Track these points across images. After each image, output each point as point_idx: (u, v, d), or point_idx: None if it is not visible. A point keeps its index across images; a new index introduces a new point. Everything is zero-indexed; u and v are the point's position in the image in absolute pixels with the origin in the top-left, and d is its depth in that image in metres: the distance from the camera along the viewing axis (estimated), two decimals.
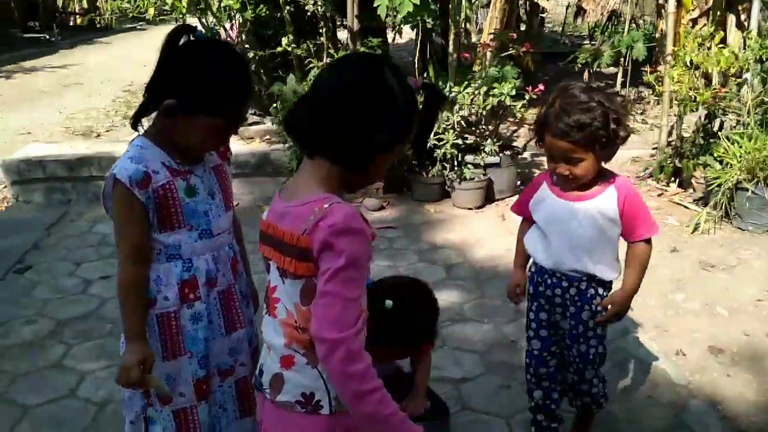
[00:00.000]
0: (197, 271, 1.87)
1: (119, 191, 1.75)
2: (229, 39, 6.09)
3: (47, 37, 18.06)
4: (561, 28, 14.13)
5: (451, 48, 5.36)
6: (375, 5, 4.70)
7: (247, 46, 5.97)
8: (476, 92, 4.98)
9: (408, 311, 1.90)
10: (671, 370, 3.02)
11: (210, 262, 1.90)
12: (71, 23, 22.12)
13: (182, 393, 1.90)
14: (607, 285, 2.22)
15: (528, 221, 2.31)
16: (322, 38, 5.99)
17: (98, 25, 21.27)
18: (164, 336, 1.87)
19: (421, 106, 1.49)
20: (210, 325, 1.92)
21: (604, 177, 2.11)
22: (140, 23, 19.84)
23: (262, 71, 6.16)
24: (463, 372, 3.01)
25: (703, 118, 5.37)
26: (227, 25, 6.04)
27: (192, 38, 1.77)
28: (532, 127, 2.55)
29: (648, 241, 2.14)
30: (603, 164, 2.08)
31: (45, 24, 19.12)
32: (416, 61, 5.55)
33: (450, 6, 5.33)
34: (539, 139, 2.10)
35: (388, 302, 1.79)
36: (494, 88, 4.92)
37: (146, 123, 1.86)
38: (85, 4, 21.49)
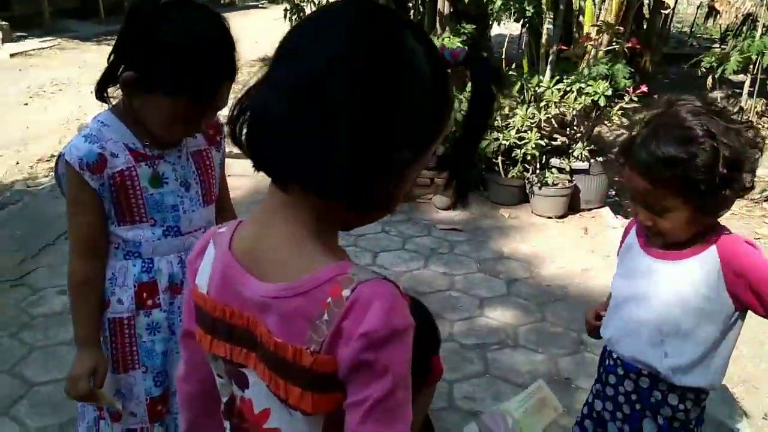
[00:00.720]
0: (158, 273, 1.63)
1: (69, 174, 1.52)
2: None
3: None
4: (690, 29, 13.15)
5: (544, 39, 4.87)
6: None
7: None
8: (569, 89, 4.47)
9: None
10: None
11: (175, 264, 1.64)
12: None
13: (133, 413, 1.69)
14: (687, 395, 1.54)
15: None
16: None
17: (222, 2, 21.83)
18: (116, 344, 1.66)
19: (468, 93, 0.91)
20: (172, 337, 1.67)
21: (703, 233, 1.48)
22: (262, 1, 20.16)
23: None
24: None
25: None
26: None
27: None
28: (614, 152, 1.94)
29: None
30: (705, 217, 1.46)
31: None
32: (504, 51, 5.10)
33: None
34: (621, 170, 1.52)
35: None
36: (589, 86, 4.39)
37: None
38: None
